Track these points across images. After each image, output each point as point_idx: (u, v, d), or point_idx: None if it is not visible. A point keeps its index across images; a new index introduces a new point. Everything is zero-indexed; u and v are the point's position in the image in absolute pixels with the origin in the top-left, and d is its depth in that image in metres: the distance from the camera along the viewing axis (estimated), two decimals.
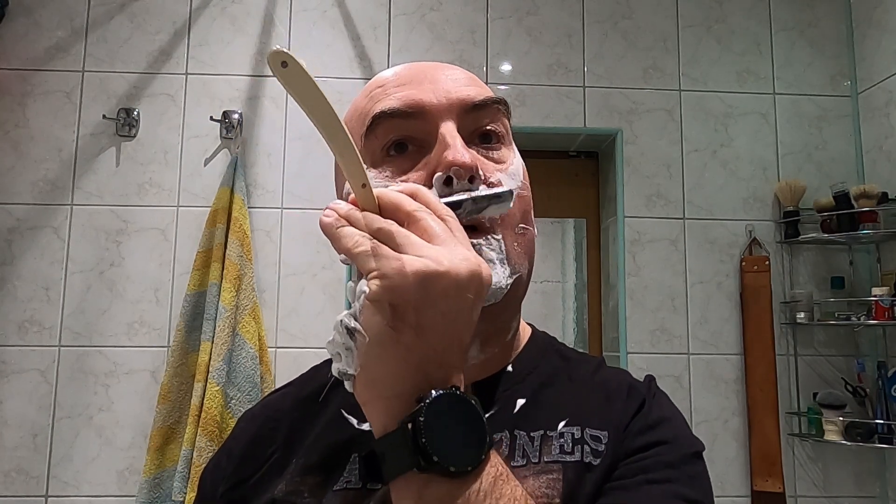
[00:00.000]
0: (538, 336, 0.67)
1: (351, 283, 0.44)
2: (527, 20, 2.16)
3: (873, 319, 1.89)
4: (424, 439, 0.39)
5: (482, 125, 0.57)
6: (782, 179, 2.11)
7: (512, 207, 0.54)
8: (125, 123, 2.03)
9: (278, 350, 1.97)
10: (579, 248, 2.27)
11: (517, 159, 0.59)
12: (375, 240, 0.42)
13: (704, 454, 0.57)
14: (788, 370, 2.04)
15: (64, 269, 1.97)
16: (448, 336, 0.42)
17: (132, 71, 2.07)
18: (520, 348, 0.63)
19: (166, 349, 1.93)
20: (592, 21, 2.17)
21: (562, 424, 0.55)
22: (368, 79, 2.07)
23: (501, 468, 0.43)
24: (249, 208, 1.99)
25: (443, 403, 0.41)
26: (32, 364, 1.92)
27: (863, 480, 2.00)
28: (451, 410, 0.41)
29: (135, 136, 2.04)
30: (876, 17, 2.12)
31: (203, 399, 1.77)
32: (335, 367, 0.44)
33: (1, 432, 1.89)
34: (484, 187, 0.54)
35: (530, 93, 2.12)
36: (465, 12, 2.15)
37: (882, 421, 1.88)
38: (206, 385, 1.78)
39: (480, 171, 0.54)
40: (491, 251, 0.54)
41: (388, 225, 0.43)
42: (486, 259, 0.53)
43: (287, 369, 1.95)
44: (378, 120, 0.56)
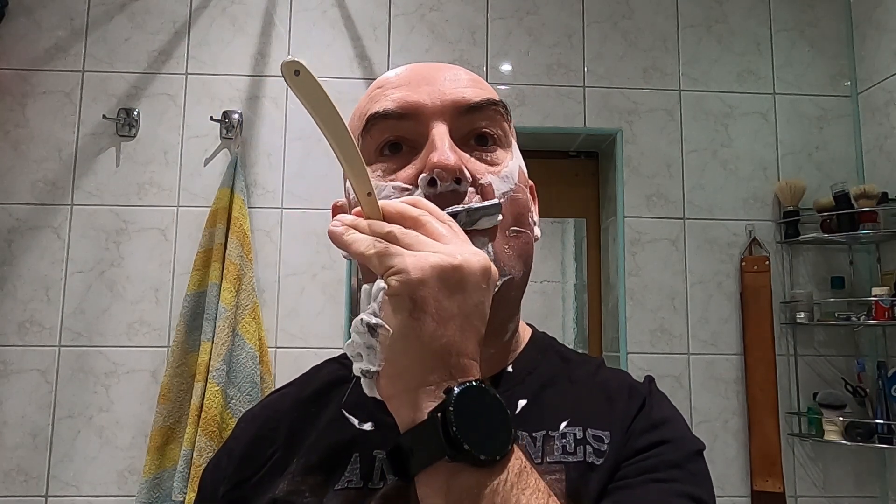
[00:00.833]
0: (538, 337, 0.67)
1: (366, 286, 0.45)
2: (527, 20, 2.16)
3: (873, 319, 1.89)
4: (455, 428, 0.40)
5: (477, 127, 0.58)
6: (782, 179, 2.11)
7: (504, 211, 0.55)
8: (125, 123, 2.03)
9: (278, 350, 1.97)
10: (579, 248, 2.27)
11: (513, 162, 0.59)
12: (385, 241, 0.44)
13: (704, 454, 0.57)
14: (788, 370, 2.04)
15: (64, 269, 1.97)
16: (466, 326, 0.44)
17: (132, 71, 2.07)
18: (520, 349, 0.63)
19: (166, 349, 1.93)
20: (592, 21, 2.17)
21: (563, 425, 0.56)
22: (368, 79, 2.08)
23: (525, 460, 0.44)
24: (249, 208, 1.99)
25: (470, 394, 0.42)
26: (32, 364, 1.92)
27: (863, 480, 2.00)
28: (478, 401, 0.42)
29: (135, 136, 2.04)
30: (876, 17, 2.12)
31: (203, 399, 1.77)
32: (357, 367, 0.45)
33: (1, 432, 1.89)
34: (477, 198, 0.54)
35: (530, 93, 2.12)
36: (465, 12, 2.15)
37: (882, 421, 1.88)
38: (206, 385, 1.78)
39: (467, 173, 0.54)
40: None
41: (397, 228, 0.45)
42: None
43: (287, 369, 1.95)
44: (373, 120, 0.57)
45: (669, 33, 2.19)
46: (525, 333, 0.66)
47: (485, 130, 0.58)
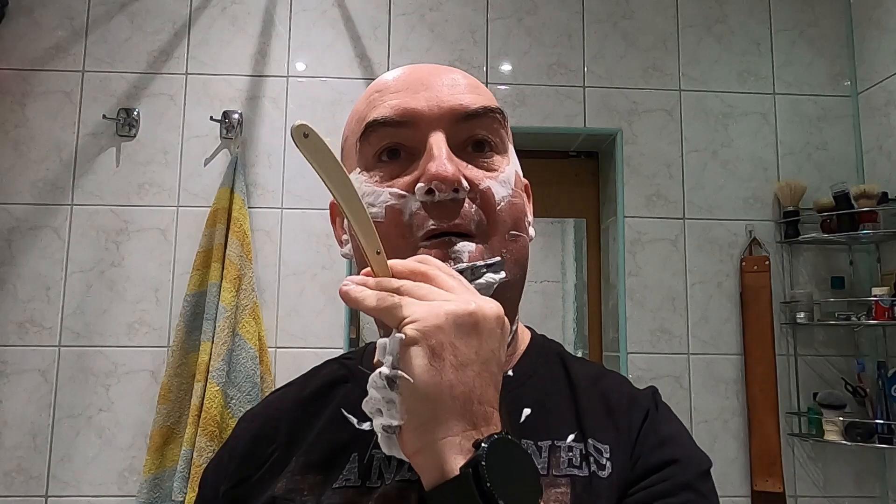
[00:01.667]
0: (538, 340, 0.67)
1: (380, 341, 0.45)
2: (527, 20, 2.16)
3: (873, 319, 1.89)
4: (489, 483, 0.39)
5: (475, 134, 0.58)
6: (782, 179, 2.11)
7: (502, 214, 0.56)
8: (125, 123, 2.03)
9: (278, 350, 1.97)
10: (579, 248, 2.27)
11: (510, 167, 0.59)
12: (397, 295, 0.45)
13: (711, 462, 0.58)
14: (788, 370, 2.04)
15: (64, 269, 1.97)
16: (485, 373, 0.44)
17: (132, 71, 2.07)
18: (519, 352, 0.63)
19: (166, 349, 1.93)
20: (592, 21, 2.17)
21: (571, 438, 0.56)
22: (368, 79, 2.08)
23: None
24: (249, 208, 1.99)
25: (500, 448, 0.42)
26: (32, 364, 1.92)
27: (863, 480, 2.00)
28: (507, 454, 0.42)
29: (135, 136, 2.04)
30: (876, 17, 2.12)
31: (203, 399, 1.77)
32: (377, 423, 0.44)
33: (1, 432, 1.89)
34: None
35: (530, 93, 2.12)
36: (465, 12, 2.15)
37: (882, 421, 1.88)
38: (206, 385, 1.78)
39: (465, 182, 0.54)
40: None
41: (407, 282, 0.46)
42: None
43: (287, 369, 1.95)
44: (371, 127, 0.57)
45: (669, 33, 2.19)
46: (525, 336, 0.66)
47: (482, 137, 0.58)
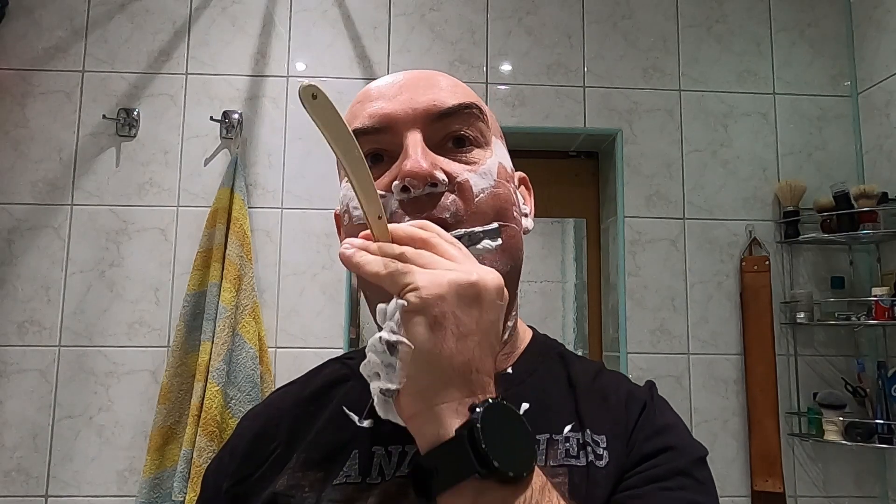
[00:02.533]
0: (538, 338, 0.67)
1: (381, 306, 0.45)
2: (527, 20, 2.16)
3: (873, 319, 1.89)
4: (485, 445, 0.40)
5: (453, 130, 0.59)
6: (782, 179, 2.11)
7: (482, 205, 0.56)
8: (125, 123, 2.03)
9: (278, 350, 1.97)
10: (579, 248, 2.27)
11: (492, 159, 0.60)
12: (399, 262, 0.45)
13: (707, 458, 0.58)
14: (788, 370, 2.04)
15: (64, 269, 1.97)
16: (484, 343, 0.44)
17: (132, 71, 2.07)
18: (520, 350, 0.64)
19: (166, 349, 1.93)
20: (592, 21, 2.17)
21: (567, 429, 0.57)
22: (368, 79, 2.08)
23: (545, 477, 0.44)
24: (249, 208, 1.99)
25: (495, 411, 0.42)
26: (32, 364, 1.92)
27: (863, 480, 2.00)
28: (502, 418, 0.43)
29: (135, 136, 2.04)
30: (876, 17, 2.12)
31: (203, 399, 1.77)
32: (374, 387, 0.45)
33: (1, 432, 1.89)
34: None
35: (530, 93, 2.13)
36: (465, 12, 2.15)
37: (882, 421, 1.88)
38: (206, 385, 1.78)
39: (440, 176, 0.55)
40: None
41: (409, 248, 0.46)
42: None
43: (287, 369, 1.95)
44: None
45: (669, 33, 2.19)
46: (525, 335, 0.66)
47: (460, 133, 0.59)
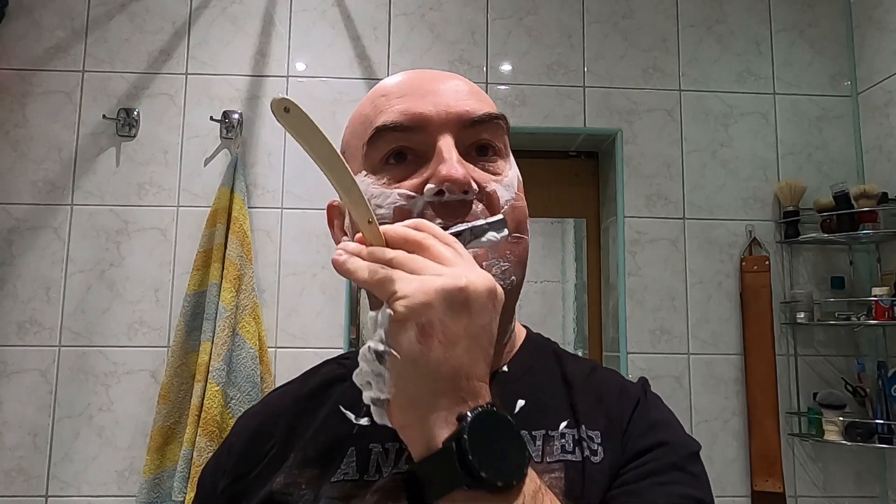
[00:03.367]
0: (533, 338, 0.68)
1: (371, 314, 0.45)
2: (527, 20, 2.16)
3: (873, 319, 1.89)
4: (472, 456, 0.40)
5: (480, 139, 0.59)
6: (782, 179, 2.11)
7: (507, 218, 0.57)
8: (125, 123, 2.03)
9: (278, 350, 1.97)
10: (579, 248, 2.27)
11: (513, 171, 0.61)
12: (388, 268, 0.44)
13: (704, 454, 0.58)
14: (788, 370, 2.04)
15: (64, 269, 1.97)
16: (474, 349, 0.44)
17: (132, 71, 2.07)
18: (515, 350, 0.65)
19: (166, 349, 1.93)
20: (592, 21, 2.17)
21: (563, 425, 0.57)
22: (368, 79, 2.08)
23: (538, 482, 0.44)
24: (249, 208, 1.99)
25: (483, 420, 0.42)
26: (32, 364, 1.92)
27: (863, 480, 2.00)
28: (492, 427, 0.42)
29: (135, 136, 2.04)
30: (876, 17, 2.12)
31: (203, 399, 1.77)
32: (367, 396, 0.45)
33: (1, 432, 1.89)
34: (483, 211, 0.56)
35: (530, 93, 2.13)
36: (465, 12, 2.15)
37: (882, 421, 1.88)
38: (206, 385, 1.78)
39: (474, 185, 0.55)
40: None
41: (399, 253, 0.45)
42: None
43: (287, 369, 1.95)
44: (380, 132, 0.58)
45: (669, 33, 2.19)
46: (520, 334, 0.67)
47: (487, 142, 0.59)
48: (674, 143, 2.13)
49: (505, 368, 0.62)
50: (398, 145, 0.57)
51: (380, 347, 0.43)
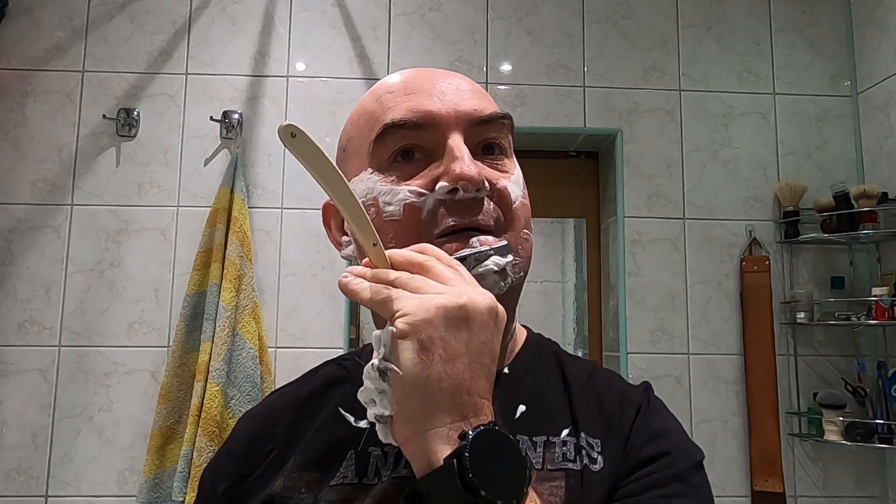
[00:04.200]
0: (533, 338, 0.68)
1: (375, 332, 0.46)
2: (527, 20, 2.16)
3: (873, 319, 1.89)
4: (472, 475, 0.40)
5: (487, 138, 0.59)
6: (782, 179, 2.11)
7: (517, 213, 0.58)
8: (125, 123, 2.03)
9: (278, 350, 1.97)
10: (579, 248, 2.27)
11: (518, 170, 0.62)
12: (391, 288, 0.46)
13: (704, 452, 0.58)
14: (788, 370, 2.04)
15: (64, 269, 1.97)
16: (475, 365, 0.44)
17: (132, 71, 2.07)
18: (516, 351, 0.64)
19: (166, 349, 1.93)
20: (592, 21, 2.17)
21: (565, 433, 0.56)
22: (368, 78, 2.08)
23: (538, 501, 0.44)
24: (249, 208, 1.99)
25: (485, 438, 0.42)
26: (32, 364, 1.92)
27: (863, 480, 2.00)
28: (493, 445, 0.43)
29: (135, 136, 2.04)
30: (876, 17, 2.12)
31: (203, 399, 1.77)
32: (370, 413, 0.45)
33: (1, 432, 1.89)
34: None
35: (530, 93, 2.12)
36: (465, 12, 2.15)
37: (882, 421, 1.88)
38: (206, 385, 1.78)
39: (486, 182, 0.56)
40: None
41: (402, 274, 0.47)
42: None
43: (287, 369, 1.95)
44: (389, 129, 0.57)
45: (669, 33, 2.19)
46: (521, 335, 0.67)
47: (493, 141, 0.60)
48: (674, 143, 2.13)
49: (505, 370, 0.61)
50: (407, 143, 0.57)
51: (382, 364, 0.44)
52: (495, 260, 0.55)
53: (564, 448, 0.55)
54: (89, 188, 2.01)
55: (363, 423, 0.58)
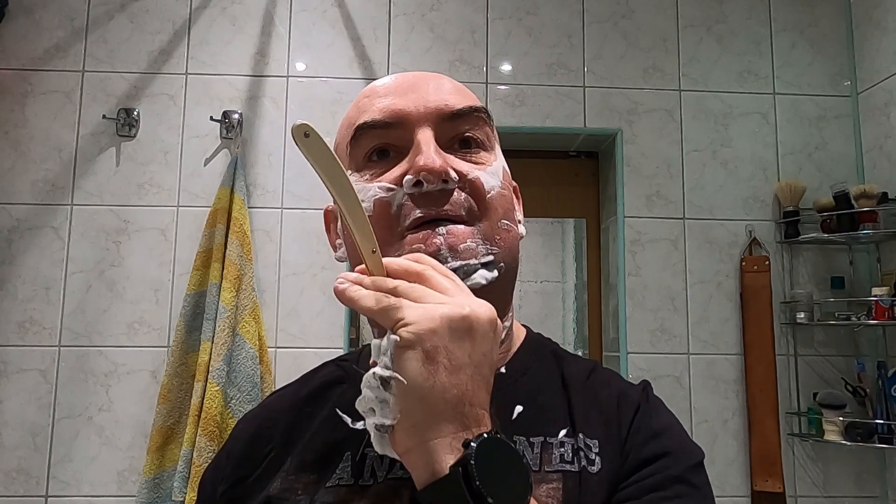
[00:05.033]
0: (532, 337, 0.67)
1: (375, 341, 0.46)
2: (527, 20, 2.16)
3: (873, 319, 1.89)
4: (479, 482, 0.40)
5: (461, 132, 0.59)
6: (782, 179, 2.11)
7: (493, 202, 0.57)
8: (125, 123, 2.03)
9: (278, 350, 1.97)
10: (579, 248, 2.27)
11: (498, 162, 0.61)
12: (392, 296, 0.45)
13: (704, 452, 0.58)
14: (788, 370, 2.04)
15: (64, 269, 1.97)
16: (477, 376, 0.44)
17: (132, 71, 2.07)
18: (513, 350, 0.64)
19: (166, 349, 1.93)
20: (592, 21, 2.17)
21: (563, 433, 0.56)
22: (368, 79, 2.08)
23: None
24: (249, 208, 1.99)
25: (488, 446, 0.42)
26: (32, 364, 1.92)
27: (863, 480, 2.00)
28: (496, 453, 0.43)
29: (135, 136, 2.04)
30: (876, 17, 2.12)
31: (203, 399, 1.77)
32: (370, 422, 0.45)
33: (1, 432, 1.89)
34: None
35: (530, 93, 2.12)
36: (465, 12, 2.15)
37: (882, 421, 1.88)
38: (206, 385, 1.78)
39: (453, 174, 0.55)
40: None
41: (402, 282, 0.46)
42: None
43: (287, 369, 1.95)
44: (361, 130, 0.59)
45: (669, 33, 2.19)
46: (519, 334, 0.66)
47: (468, 135, 0.60)
48: (674, 143, 2.13)
49: (503, 369, 0.61)
50: (379, 142, 0.58)
51: (385, 373, 0.43)
52: (482, 273, 0.55)
53: (562, 449, 0.55)
54: (89, 188, 2.01)
55: (360, 425, 0.58)
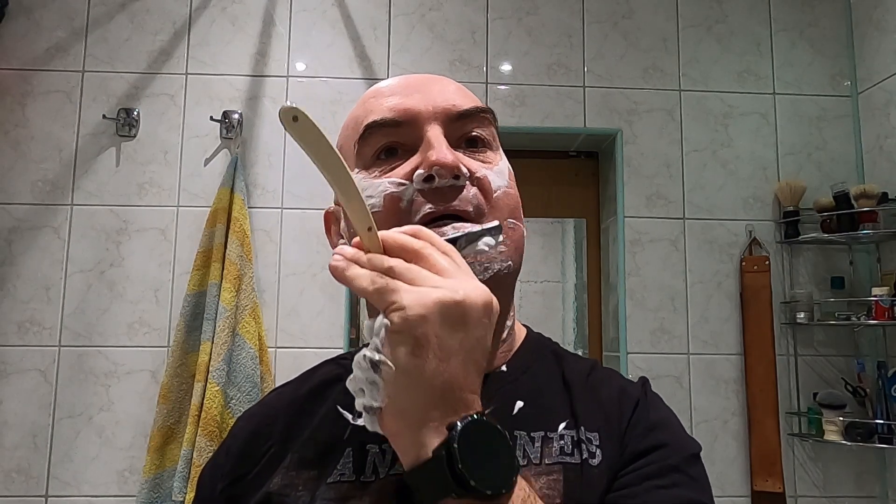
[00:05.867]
0: (533, 337, 0.68)
1: (367, 322, 0.45)
2: (527, 20, 2.16)
3: (873, 319, 1.89)
4: (461, 465, 0.40)
5: (468, 131, 0.60)
6: (782, 179, 2.11)
7: (500, 201, 0.58)
8: (125, 123, 2.03)
9: (278, 350, 1.97)
10: (579, 248, 2.27)
11: (503, 162, 0.62)
12: (387, 277, 0.44)
13: (704, 454, 0.58)
14: (788, 370, 2.04)
15: (64, 269, 1.97)
16: (468, 362, 0.44)
17: (132, 71, 2.07)
18: (514, 349, 0.64)
19: (166, 349, 1.93)
20: (592, 21, 2.17)
21: (562, 427, 0.57)
22: (368, 79, 2.08)
23: (528, 490, 0.44)
24: (249, 208, 1.99)
25: (473, 430, 0.42)
26: (32, 364, 1.92)
27: (863, 480, 2.00)
28: (481, 435, 0.43)
29: (135, 136, 2.04)
30: (876, 17, 2.12)
31: (203, 399, 1.77)
32: (359, 403, 0.45)
33: (1, 432, 1.89)
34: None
35: (530, 93, 2.12)
36: (465, 12, 2.15)
37: (882, 421, 1.88)
38: (206, 385, 1.78)
39: (464, 169, 0.56)
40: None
41: (398, 262, 0.45)
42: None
43: (287, 369, 1.95)
44: (370, 129, 0.59)
45: (669, 33, 2.19)
46: (520, 333, 0.67)
47: (475, 134, 0.60)
48: (674, 143, 2.13)
49: (503, 368, 0.61)
50: (388, 141, 0.58)
51: (375, 357, 0.43)
52: (487, 241, 0.54)
53: (562, 442, 0.56)
54: (89, 188, 2.01)
55: (360, 421, 0.59)
